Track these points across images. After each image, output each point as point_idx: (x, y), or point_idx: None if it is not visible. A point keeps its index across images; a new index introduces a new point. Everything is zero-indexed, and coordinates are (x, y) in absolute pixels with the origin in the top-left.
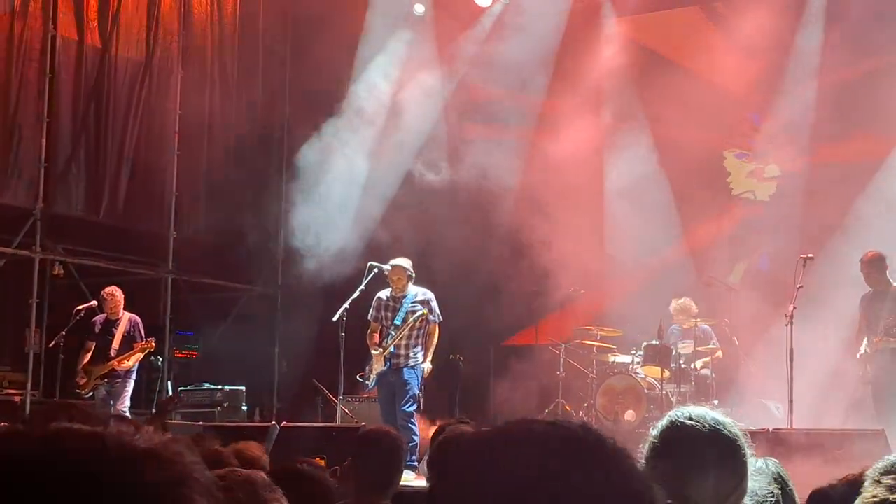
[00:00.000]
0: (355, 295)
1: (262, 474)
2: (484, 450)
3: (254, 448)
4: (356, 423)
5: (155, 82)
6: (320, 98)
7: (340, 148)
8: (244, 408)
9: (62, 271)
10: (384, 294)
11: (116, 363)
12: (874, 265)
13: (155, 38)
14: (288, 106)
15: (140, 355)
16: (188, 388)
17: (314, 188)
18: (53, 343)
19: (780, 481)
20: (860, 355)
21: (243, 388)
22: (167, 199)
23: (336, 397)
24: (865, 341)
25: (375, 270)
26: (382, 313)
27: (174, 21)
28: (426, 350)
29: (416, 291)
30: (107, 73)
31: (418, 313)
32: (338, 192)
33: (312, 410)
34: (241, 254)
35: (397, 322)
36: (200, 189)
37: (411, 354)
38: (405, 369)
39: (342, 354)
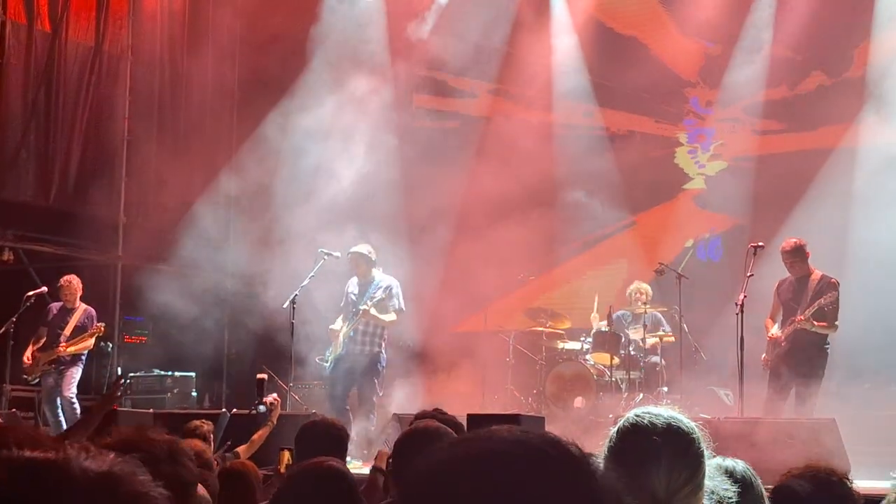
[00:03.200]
0: (305, 282)
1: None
2: (447, 468)
3: (196, 443)
4: (305, 409)
5: (105, 67)
6: (270, 83)
7: (290, 135)
8: (194, 394)
9: (12, 257)
10: (353, 282)
11: (63, 348)
12: (798, 254)
13: (105, 23)
14: (237, 92)
15: (90, 341)
16: (138, 374)
17: (263, 172)
18: (3, 329)
19: (747, 479)
20: (772, 335)
21: (193, 375)
22: (116, 185)
23: (286, 384)
24: (777, 325)
25: (325, 257)
26: (349, 300)
27: (124, 6)
28: (375, 316)
29: (382, 279)
30: (57, 58)
31: (376, 299)
32: (286, 174)
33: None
34: (192, 239)
35: (360, 307)
36: (150, 175)
37: (368, 341)
38: (365, 358)
39: (292, 341)
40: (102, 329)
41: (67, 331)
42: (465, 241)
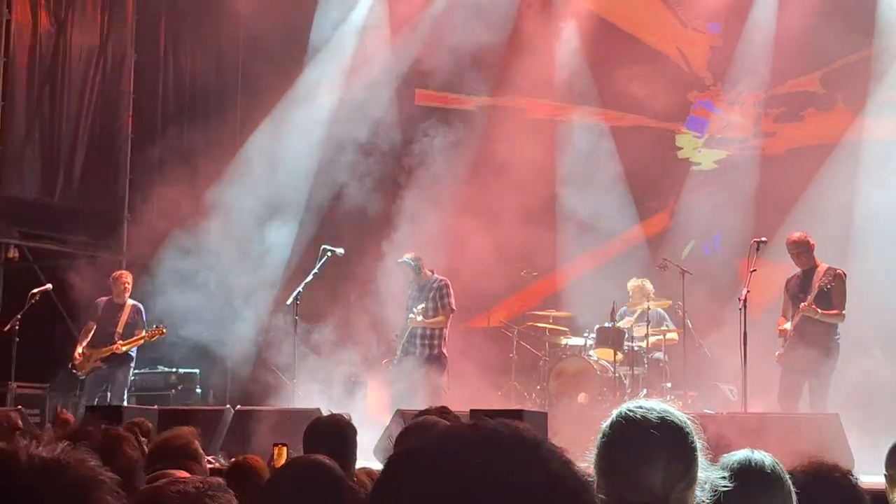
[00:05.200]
0: (309, 279)
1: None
2: (426, 457)
3: (186, 434)
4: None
5: (109, 65)
6: (274, 81)
7: (292, 130)
8: (198, 391)
9: (17, 254)
10: (412, 286)
11: (119, 346)
12: (803, 246)
13: (109, 22)
14: (240, 89)
15: (144, 341)
16: (142, 371)
17: (266, 172)
18: (8, 326)
19: (776, 473)
20: (782, 328)
21: (197, 372)
22: (121, 182)
23: (291, 380)
24: (789, 323)
25: (329, 254)
26: (407, 304)
27: (128, 5)
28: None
29: (435, 280)
30: (61, 56)
31: (419, 306)
32: (289, 175)
33: (267, 393)
34: (196, 236)
35: (409, 316)
36: (154, 172)
37: (427, 344)
38: (423, 360)
39: (295, 337)
40: (163, 331)
41: (119, 328)
42: (469, 239)
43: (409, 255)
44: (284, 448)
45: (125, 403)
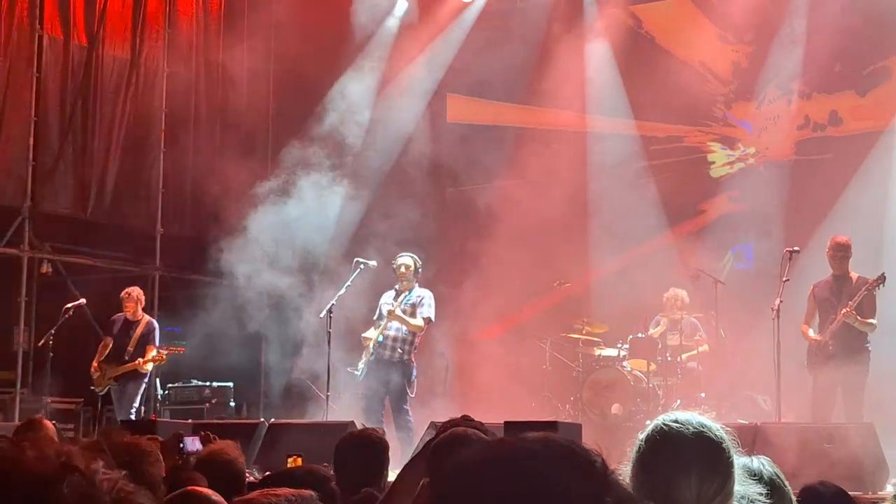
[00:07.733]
0: (342, 291)
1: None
2: (480, 468)
3: (231, 449)
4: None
5: (141, 80)
6: (307, 93)
7: (323, 146)
8: (232, 404)
9: (50, 269)
10: (388, 295)
11: (129, 367)
12: (847, 250)
13: (141, 36)
14: (273, 102)
15: (149, 366)
16: (176, 384)
17: (295, 188)
18: (42, 341)
19: (775, 482)
20: (813, 338)
21: (231, 385)
22: (153, 197)
23: (324, 393)
24: (812, 330)
25: (362, 266)
26: (382, 312)
27: (160, 18)
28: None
29: (418, 291)
30: (93, 71)
31: (407, 303)
32: (318, 191)
33: (300, 406)
34: (228, 249)
35: (388, 309)
36: (186, 186)
37: (398, 347)
38: (395, 365)
39: (329, 350)
40: (164, 357)
41: (131, 346)
42: (501, 250)
43: (413, 255)
44: (299, 459)
45: (132, 416)
